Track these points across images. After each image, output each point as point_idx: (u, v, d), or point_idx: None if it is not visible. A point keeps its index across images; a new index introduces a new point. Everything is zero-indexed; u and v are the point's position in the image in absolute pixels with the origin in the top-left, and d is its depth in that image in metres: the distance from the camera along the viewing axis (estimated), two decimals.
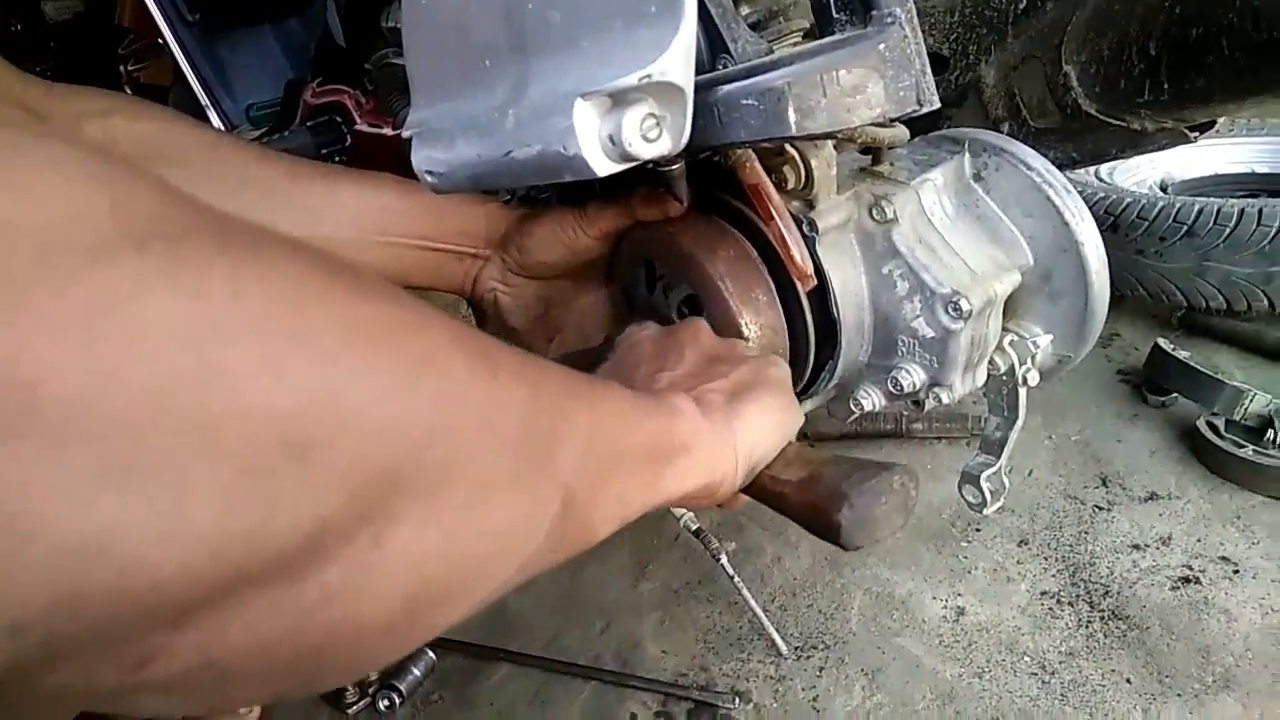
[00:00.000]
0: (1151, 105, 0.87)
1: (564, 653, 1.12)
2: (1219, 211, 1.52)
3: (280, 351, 0.26)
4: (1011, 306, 0.79)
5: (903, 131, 0.69)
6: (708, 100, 0.54)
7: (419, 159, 0.65)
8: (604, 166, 0.50)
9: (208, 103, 1.98)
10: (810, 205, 0.74)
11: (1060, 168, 0.78)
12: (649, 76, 0.46)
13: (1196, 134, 0.96)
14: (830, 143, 0.73)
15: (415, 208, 0.78)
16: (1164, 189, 2.02)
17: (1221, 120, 0.91)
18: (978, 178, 0.77)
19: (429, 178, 0.65)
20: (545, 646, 1.14)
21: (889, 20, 0.54)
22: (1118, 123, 0.92)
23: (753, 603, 1.07)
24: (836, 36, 0.56)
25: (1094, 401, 1.50)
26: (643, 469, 0.49)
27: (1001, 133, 0.86)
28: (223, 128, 1.92)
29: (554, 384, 0.43)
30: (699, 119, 0.54)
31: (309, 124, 1.23)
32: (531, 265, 0.79)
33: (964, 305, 0.71)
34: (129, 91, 2.34)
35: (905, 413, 1.45)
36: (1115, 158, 1.04)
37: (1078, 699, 0.96)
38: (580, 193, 0.80)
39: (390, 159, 0.68)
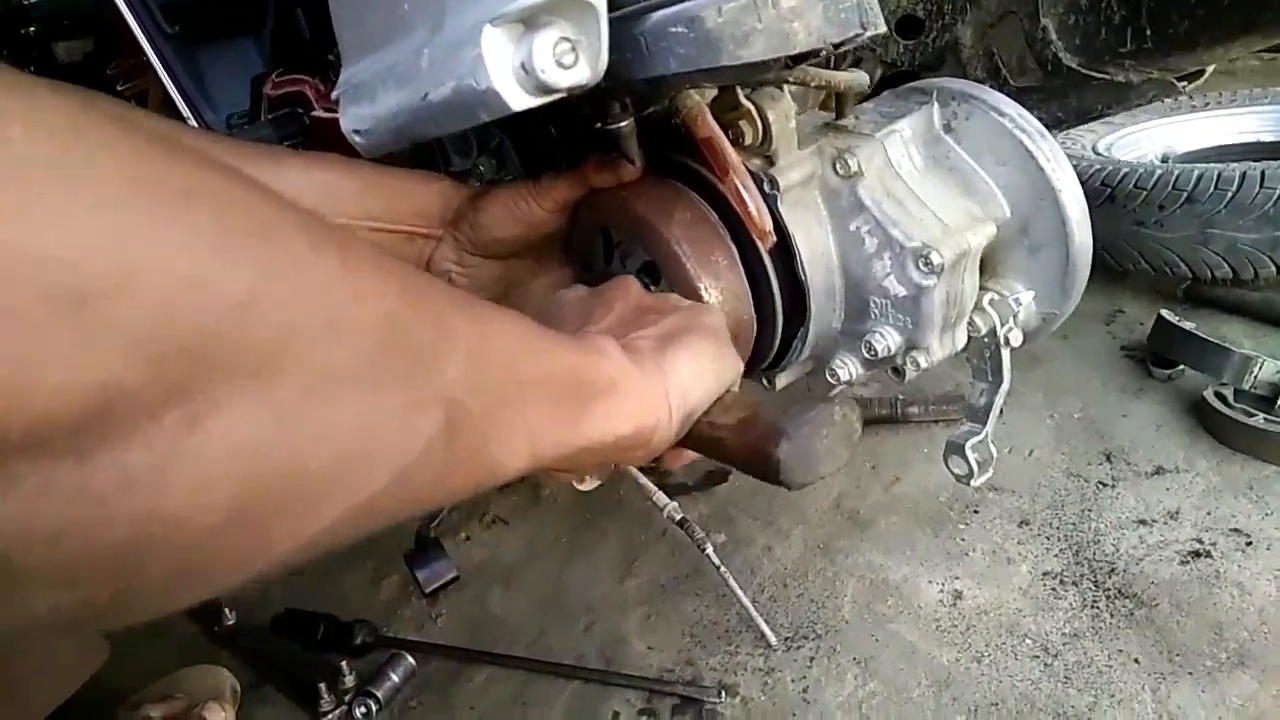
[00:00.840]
0: (1135, 55, 0.84)
1: (548, 652, 1.08)
2: (1220, 176, 1.46)
3: (48, 189, 0.23)
4: (990, 264, 0.75)
5: (861, 75, 0.66)
6: (635, 30, 0.50)
7: (346, 119, 0.62)
8: (519, 99, 0.46)
9: (189, 114, 1.98)
10: (770, 162, 0.70)
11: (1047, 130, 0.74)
12: None
13: (1185, 83, 0.92)
14: (788, 93, 0.69)
15: (363, 186, 0.75)
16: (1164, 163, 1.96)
17: (1225, 92, 0.87)
18: (948, 128, 0.74)
19: (356, 137, 0.62)
20: (529, 647, 1.10)
21: None
22: (1101, 76, 0.89)
23: (740, 594, 1.02)
24: None
25: (1097, 378, 1.44)
26: (556, 403, 0.47)
27: None
28: None
29: (435, 294, 0.40)
30: (626, 51, 0.51)
31: (270, 116, 1.20)
32: (486, 243, 0.76)
33: (935, 259, 0.67)
34: None
35: (900, 396, 1.40)
36: (1101, 115, 1.00)
37: (1082, 681, 0.91)
38: (540, 169, 0.77)
39: (347, 143, 0.66)
